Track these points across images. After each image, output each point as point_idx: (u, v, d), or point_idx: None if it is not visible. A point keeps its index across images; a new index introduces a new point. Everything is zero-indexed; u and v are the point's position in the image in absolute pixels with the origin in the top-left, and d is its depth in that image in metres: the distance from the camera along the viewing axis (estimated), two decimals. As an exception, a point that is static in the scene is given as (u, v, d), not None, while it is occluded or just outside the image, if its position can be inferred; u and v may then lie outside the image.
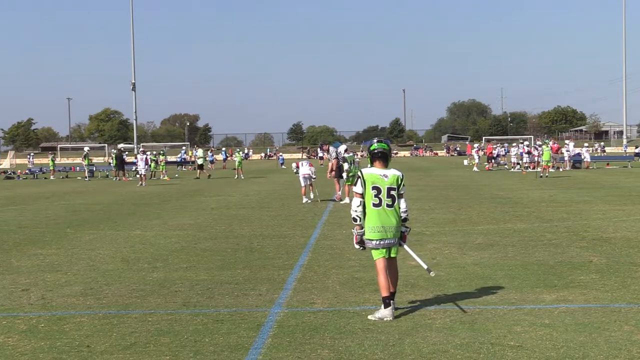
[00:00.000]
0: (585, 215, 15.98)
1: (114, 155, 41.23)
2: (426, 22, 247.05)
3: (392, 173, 7.28)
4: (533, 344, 6.03)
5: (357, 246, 7.32)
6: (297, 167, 22.08)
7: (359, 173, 7.33)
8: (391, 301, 7.20)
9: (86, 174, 40.96)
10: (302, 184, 21.39)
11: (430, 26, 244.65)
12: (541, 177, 32.79)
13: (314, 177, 21.40)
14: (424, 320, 6.89)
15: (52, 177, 44.18)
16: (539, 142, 45.23)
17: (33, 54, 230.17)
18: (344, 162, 21.22)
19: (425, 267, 7.37)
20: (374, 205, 7.14)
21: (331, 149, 22.32)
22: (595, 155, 61.61)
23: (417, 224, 14.24)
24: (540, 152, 36.15)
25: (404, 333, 6.44)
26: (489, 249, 11.19)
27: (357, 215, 7.21)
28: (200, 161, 40.96)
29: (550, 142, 40.58)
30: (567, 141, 50.19)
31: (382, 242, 7.11)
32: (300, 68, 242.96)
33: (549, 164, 34.20)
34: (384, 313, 6.90)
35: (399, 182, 7.24)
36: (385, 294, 6.96)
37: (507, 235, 12.79)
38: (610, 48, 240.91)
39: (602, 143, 75.93)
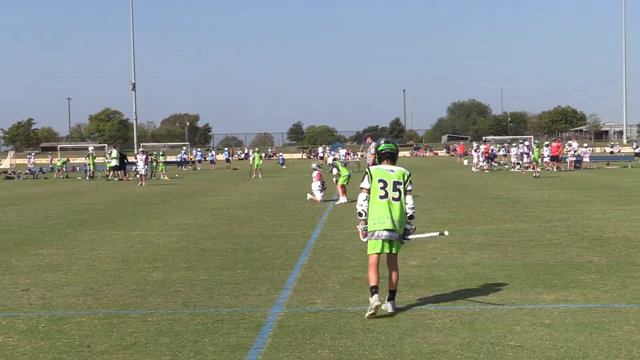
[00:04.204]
0: (585, 215, 15.98)
1: (115, 155, 41.11)
2: (426, 21, 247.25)
3: (399, 169, 7.35)
4: (533, 344, 6.03)
5: (363, 240, 7.35)
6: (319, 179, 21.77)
7: (367, 170, 7.40)
8: (390, 301, 7.24)
9: (91, 173, 40.98)
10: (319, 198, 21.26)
11: (430, 26, 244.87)
12: (536, 176, 32.82)
13: (321, 192, 21.28)
14: (424, 320, 6.90)
15: (55, 176, 44.03)
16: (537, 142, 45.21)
17: (33, 54, 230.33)
18: (333, 167, 21.26)
19: (436, 234, 7.44)
20: (380, 197, 7.18)
21: (373, 144, 22.14)
22: (603, 155, 61.60)
23: (418, 223, 14.08)
24: (532, 152, 36.32)
25: (404, 333, 6.45)
26: (489, 249, 11.19)
27: (362, 210, 7.26)
28: (114, 162, 40.55)
29: (554, 143, 40.65)
30: (569, 141, 50.13)
31: (384, 234, 7.11)
32: (300, 68, 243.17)
33: (537, 164, 34.24)
34: (371, 300, 6.98)
35: (405, 178, 7.28)
36: (372, 284, 7.08)
37: (507, 235, 12.79)
38: (610, 48, 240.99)
39: (612, 143, 75.30)
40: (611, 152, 59.49)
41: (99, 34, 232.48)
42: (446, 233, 7.56)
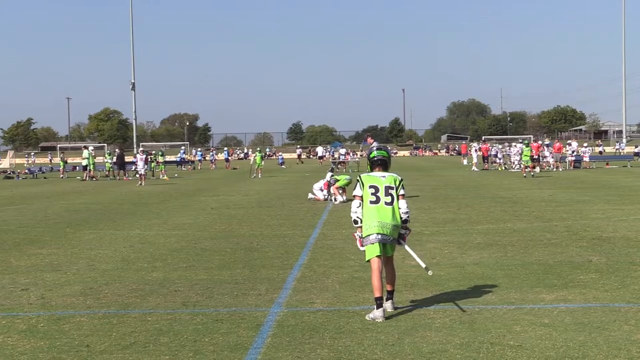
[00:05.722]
0: (584, 214, 15.98)
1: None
2: (426, 21, 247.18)
3: (390, 174, 7.33)
4: (532, 344, 6.03)
5: (361, 248, 7.27)
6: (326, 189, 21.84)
7: (358, 177, 7.41)
8: (389, 301, 7.22)
9: (92, 173, 40.97)
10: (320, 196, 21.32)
11: (430, 25, 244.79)
12: (533, 175, 32.84)
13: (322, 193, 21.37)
14: (423, 319, 6.89)
15: (61, 176, 43.88)
16: (539, 142, 45.28)
17: (32, 54, 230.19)
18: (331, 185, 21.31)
19: (423, 265, 7.35)
20: (371, 202, 7.16)
21: (374, 143, 21.95)
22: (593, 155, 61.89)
23: (417, 223, 14.24)
24: (520, 152, 36.41)
25: (404, 332, 6.44)
26: (488, 249, 11.19)
27: (357, 217, 7.24)
28: (85, 162, 40.47)
29: (534, 143, 40.79)
30: (569, 141, 50.16)
31: (378, 237, 7.06)
32: (300, 68, 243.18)
33: (528, 164, 34.31)
34: (376, 314, 6.91)
35: (397, 183, 7.25)
36: (377, 294, 6.93)
37: (507, 234, 12.79)
38: (610, 48, 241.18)
39: (600, 143, 75.48)
40: (600, 152, 59.78)
41: (98, 33, 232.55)
42: (430, 273, 7.47)
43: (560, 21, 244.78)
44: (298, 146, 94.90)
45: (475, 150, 47.00)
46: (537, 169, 35.46)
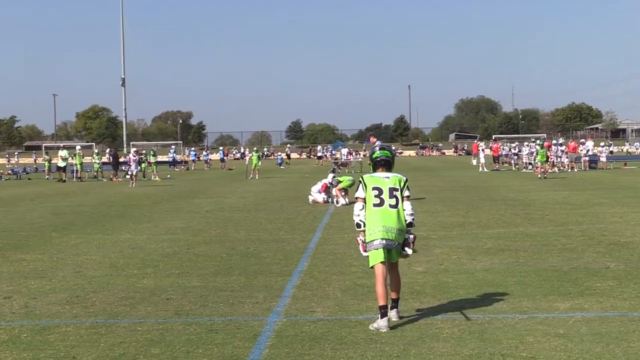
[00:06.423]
0: (601, 218, 15.98)
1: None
2: (431, 15, 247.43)
3: (394, 175, 7.32)
4: (547, 355, 6.02)
5: (364, 254, 7.25)
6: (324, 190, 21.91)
7: (360, 178, 7.39)
8: (394, 309, 7.21)
9: (79, 174, 41.00)
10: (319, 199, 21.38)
11: (436, 20, 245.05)
12: (546, 177, 32.87)
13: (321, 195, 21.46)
14: (430, 329, 6.88)
15: (47, 177, 43.91)
16: (554, 141, 45.29)
17: (16, 48, 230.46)
18: (334, 186, 21.35)
19: (410, 252, 7.21)
20: (375, 205, 7.14)
21: (377, 143, 21.98)
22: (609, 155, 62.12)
23: (424, 227, 14.23)
24: (536, 153, 36.42)
25: (410, 343, 6.43)
26: (499, 254, 11.18)
27: (360, 220, 7.23)
28: (62, 163, 40.49)
29: (570, 141, 40.84)
30: (583, 140, 50.22)
31: (383, 242, 7.03)
32: (300, 63, 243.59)
33: (544, 165, 34.30)
34: (380, 324, 6.89)
35: (402, 184, 7.24)
36: (382, 303, 6.92)
37: (519, 239, 12.79)
38: (629, 42, 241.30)
39: (610, 142, 75.51)
40: (611, 152, 60.23)
41: (86, 27, 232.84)
42: (409, 251, 7.32)
43: (575, 14, 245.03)
44: (288, 146, 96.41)
45: (482, 150, 46.94)
46: (556, 169, 35.48)
